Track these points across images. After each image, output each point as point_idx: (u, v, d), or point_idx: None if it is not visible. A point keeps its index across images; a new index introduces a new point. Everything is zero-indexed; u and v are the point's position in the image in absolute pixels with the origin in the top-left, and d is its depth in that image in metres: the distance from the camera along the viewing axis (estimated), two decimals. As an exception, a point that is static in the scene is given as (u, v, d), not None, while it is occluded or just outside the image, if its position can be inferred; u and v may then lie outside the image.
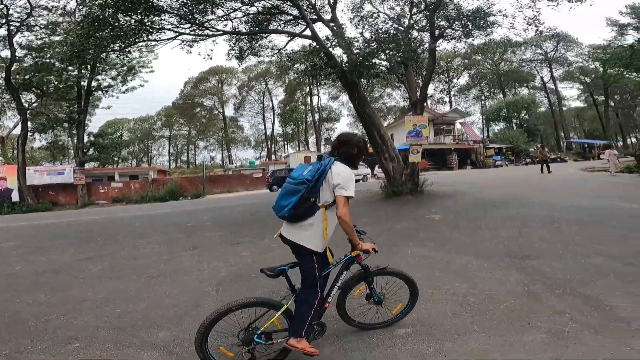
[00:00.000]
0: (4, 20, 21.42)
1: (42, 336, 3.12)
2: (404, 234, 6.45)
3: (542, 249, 4.89)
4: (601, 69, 35.75)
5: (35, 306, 3.91)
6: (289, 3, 12.18)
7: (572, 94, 75.36)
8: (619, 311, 2.93)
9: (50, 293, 4.33)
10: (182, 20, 10.80)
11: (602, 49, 16.37)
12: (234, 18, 12.28)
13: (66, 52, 10.60)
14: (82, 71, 24.09)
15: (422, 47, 10.97)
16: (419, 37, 11.34)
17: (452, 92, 58.38)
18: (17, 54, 22.60)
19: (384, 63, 10.75)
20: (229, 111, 60.42)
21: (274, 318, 2.34)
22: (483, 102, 57.97)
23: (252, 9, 12.37)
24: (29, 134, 26.19)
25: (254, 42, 13.52)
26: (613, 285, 3.48)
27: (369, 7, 13.28)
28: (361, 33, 10.90)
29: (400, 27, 11.24)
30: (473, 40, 11.60)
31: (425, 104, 13.06)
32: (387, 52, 10.20)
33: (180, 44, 12.07)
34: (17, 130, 26.75)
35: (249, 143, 62.05)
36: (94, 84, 26.22)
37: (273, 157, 55.56)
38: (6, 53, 22.72)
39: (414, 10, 12.37)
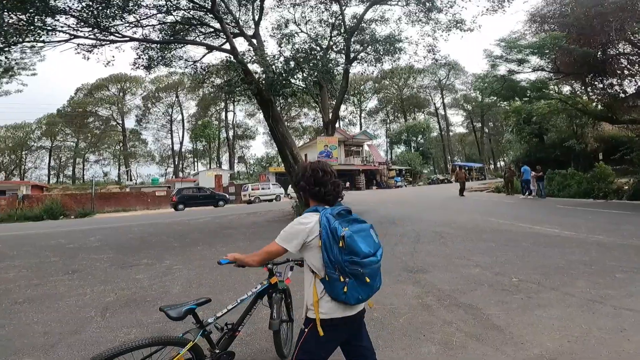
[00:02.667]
0: None
1: None
2: None
3: (431, 262, 5.44)
4: (480, 98, 42.24)
5: None
6: (210, 16, 11.79)
7: (457, 120, 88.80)
8: (494, 319, 3.35)
9: None
10: (82, 23, 9.55)
11: (481, 78, 19.12)
12: (146, 25, 11.34)
13: None
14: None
15: (337, 68, 11.66)
16: (335, 58, 12.08)
17: (362, 115, 63.32)
18: None
19: (300, 82, 11.08)
20: (130, 123, 54.96)
21: (179, 355, 2.04)
22: (388, 125, 64.16)
23: (170, 18, 11.63)
24: None
25: (166, 52, 12.61)
26: (487, 294, 4.00)
27: (292, 27, 13.69)
28: (280, 52, 11.08)
29: (318, 48, 11.80)
30: (382, 65, 12.90)
31: (336, 125, 13.84)
32: (304, 71, 10.52)
33: (75, 48, 10.63)
34: None
35: (153, 158, 56.94)
36: (-44, 85, 21.21)
37: (181, 174, 51.97)
38: None
39: (335, 32, 13.13)
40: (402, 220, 9.61)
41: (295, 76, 10.67)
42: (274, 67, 10.21)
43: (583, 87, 18.33)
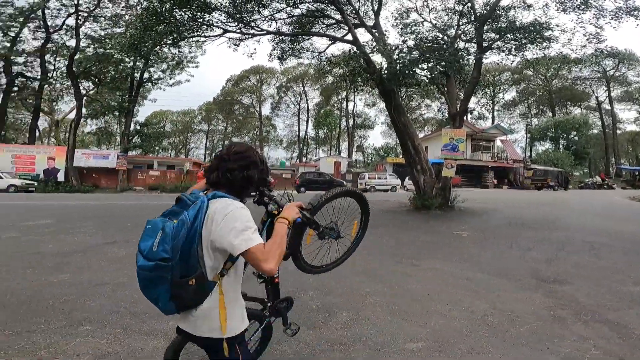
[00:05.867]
0: (73, 10, 23.25)
1: (57, 316, 3.10)
2: (428, 247, 6.31)
3: (576, 274, 4.60)
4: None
5: (56, 286, 3.91)
6: (332, 7, 12.33)
7: (628, 117, 69.72)
8: (649, 343, 2.70)
9: (73, 274, 4.33)
10: (230, 18, 11.27)
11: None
12: (278, 19, 12.68)
13: (125, 44, 11.32)
14: (137, 63, 25.36)
15: (467, 58, 10.72)
16: (465, 47, 11.06)
17: (495, 107, 56.06)
18: (81, 44, 24.39)
19: (425, 72, 10.60)
20: (265, 110, 61.87)
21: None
22: (529, 120, 55.05)
23: (297, 11, 12.71)
24: (82, 119, 28.09)
25: (295, 44, 13.85)
26: (648, 316, 3.20)
27: (414, 16, 13.19)
28: (404, 41, 10.78)
29: (445, 37, 11.04)
30: (525, 54, 11.10)
31: (464, 118, 12.68)
32: (429, 61, 10.06)
33: (227, 42, 12.64)
34: (72, 115, 28.83)
35: (281, 143, 63.05)
36: (145, 75, 27.55)
37: (304, 159, 56.08)
38: (71, 42, 24.63)
39: (463, 21, 12.10)
40: (539, 224, 8.35)
41: (419, 66, 10.26)
42: (396, 57, 10.01)
43: None
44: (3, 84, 25.39)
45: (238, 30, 11.94)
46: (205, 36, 11.84)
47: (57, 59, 26.58)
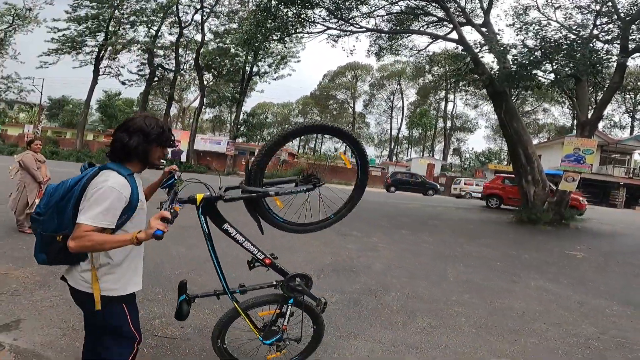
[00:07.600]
0: (199, 6, 26.74)
1: (172, 288, 3.12)
2: (531, 264, 5.85)
3: None
4: None
5: (175, 259, 4.27)
6: (434, 5, 11.84)
7: None
8: None
9: (188, 248, 4.67)
10: (330, 15, 11.73)
11: None
12: (377, 16, 12.69)
13: (241, 39, 12.60)
14: (248, 57, 28.06)
15: (608, 61, 9.36)
16: (604, 48, 9.62)
17: (637, 115, 46.15)
18: (205, 39, 27.87)
19: (548, 75, 9.58)
20: (359, 107, 62.07)
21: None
22: (684, 130, 44.04)
23: (396, 8, 12.53)
24: (203, 107, 32.25)
25: (393, 41, 13.69)
26: None
27: (534, 14, 11.86)
28: (523, 40, 9.82)
29: (572, 36, 9.76)
30: None
31: (596, 127, 11.01)
32: (554, 62, 9.15)
33: (326, 38, 13.17)
34: (195, 104, 33.34)
35: (372, 140, 62.57)
36: (254, 69, 30.35)
37: (394, 158, 54.86)
38: (198, 37, 28.34)
39: (604, 20, 10.51)
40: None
41: (541, 68, 9.37)
42: (512, 57, 9.26)
43: None
44: (147, 74, 29.99)
45: (337, 28, 12.28)
46: (308, 32, 12.48)
47: (187, 52, 30.76)
